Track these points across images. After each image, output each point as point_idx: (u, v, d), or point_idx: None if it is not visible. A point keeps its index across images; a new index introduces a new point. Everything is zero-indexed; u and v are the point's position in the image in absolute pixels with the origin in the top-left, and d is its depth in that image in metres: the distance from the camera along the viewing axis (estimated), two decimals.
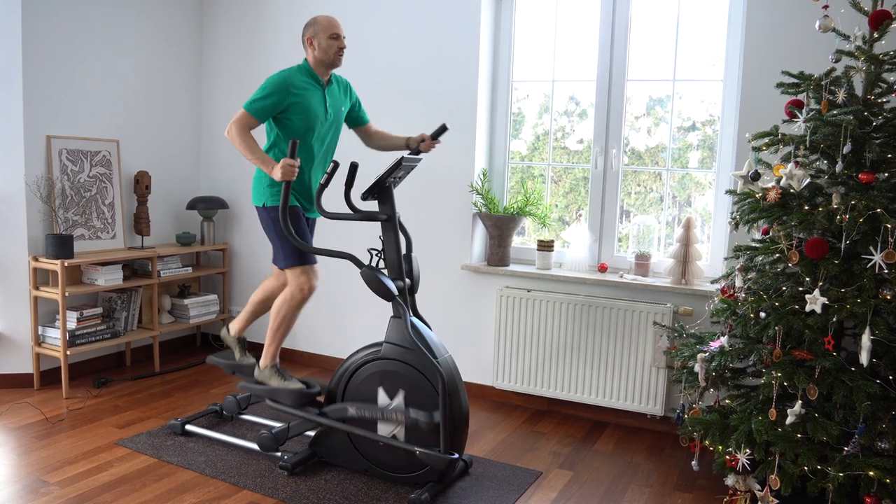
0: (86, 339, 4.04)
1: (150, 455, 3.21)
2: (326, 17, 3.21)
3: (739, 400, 2.96)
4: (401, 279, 3.05)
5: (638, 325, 3.65)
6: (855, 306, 2.45)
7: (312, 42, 3.18)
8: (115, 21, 4.37)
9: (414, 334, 2.93)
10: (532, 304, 3.89)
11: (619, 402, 3.74)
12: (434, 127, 4.01)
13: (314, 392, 3.25)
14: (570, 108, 4.14)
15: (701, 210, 3.87)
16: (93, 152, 4.28)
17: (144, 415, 3.71)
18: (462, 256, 4.17)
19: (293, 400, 3.21)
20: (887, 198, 2.51)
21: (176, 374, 4.43)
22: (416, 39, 4.19)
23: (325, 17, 3.21)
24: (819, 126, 2.68)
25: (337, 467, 3.14)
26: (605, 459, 3.38)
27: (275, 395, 3.26)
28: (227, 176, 4.92)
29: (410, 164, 3.03)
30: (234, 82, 4.84)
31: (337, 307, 4.56)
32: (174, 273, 4.53)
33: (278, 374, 3.32)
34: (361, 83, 4.32)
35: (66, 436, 3.40)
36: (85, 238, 4.21)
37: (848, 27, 2.98)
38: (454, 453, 2.83)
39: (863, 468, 2.41)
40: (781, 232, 2.66)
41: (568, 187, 4.21)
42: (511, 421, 3.85)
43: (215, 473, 3.05)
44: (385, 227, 3.06)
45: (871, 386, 2.40)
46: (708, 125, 3.80)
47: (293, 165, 2.94)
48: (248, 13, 4.74)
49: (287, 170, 2.93)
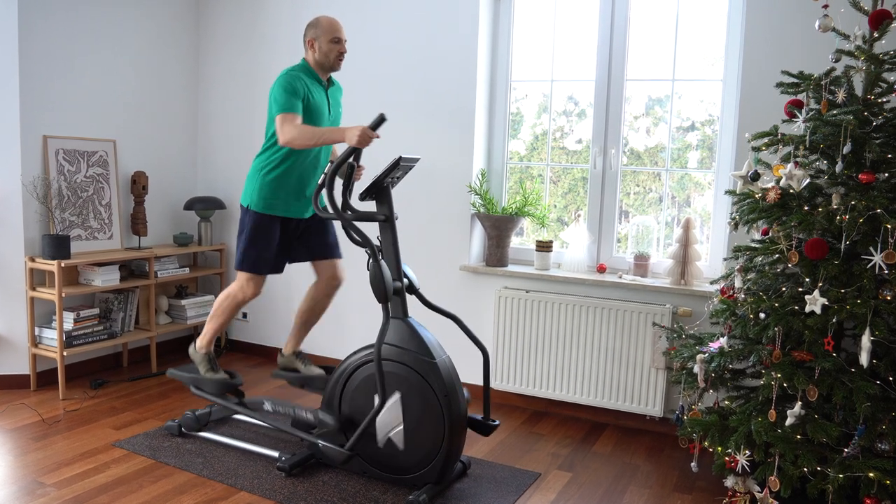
0: (82, 340, 4.03)
1: (147, 456, 3.20)
2: (329, 19, 3.17)
3: (739, 401, 2.96)
4: (398, 280, 3.04)
5: (637, 325, 3.65)
6: (855, 307, 2.44)
7: (314, 44, 3.16)
8: (112, 20, 4.36)
9: (410, 335, 2.92)
10: (531, 305, 3.88)
11: (618, 404, 3.74)
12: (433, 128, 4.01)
13: (236, 383, 3.47)
14: (569, 108, 4.14)
15: (700, 210, 3.87)
16: (90, 152, 4.27)
17: (141, 416, 3.70)
18: (460, 257, 4.16)
19: (216, 389, 3.41)
20: (887, 198, 2.50)
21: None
22: (413, 39, 4.18)
23: (327, 20, 3.16)
24: (819, 126, 2.67)
25: (334, 468, 3.13)
26: (604, 461, 3.38)
27: (199, 383, 3.45)
28: (225, 176, 4.90)
29: (408, 164, 3.02)
30: (231, 82, 4.83)
31: (334, 308, 4.39)
32: (171, 274, 4.52)
33: (209, 363, 3.47)
34: (358, 82, 4.31)
35: (63, 437, 3.39)
36: (82, 238, 4.20)
37: (848, 26, 2.97)
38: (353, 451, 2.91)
39: (863, 470, 2.40)
40: (781, 232, 2.65)
41: (567, 187, 4.21)
42: (510, 422, 3.84)
43: (212, 475, 3.04)
44: (383, 228, 3.04)
45: (871, 387, 2.40)
46: (707, 125, 3.80)
47: (372, 137, 2.88)
48: (246, 12, 4.72)
49: (365, 137, 2.86)
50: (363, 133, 2.86)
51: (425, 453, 2.90)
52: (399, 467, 2.98)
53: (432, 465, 2.89)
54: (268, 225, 3.24)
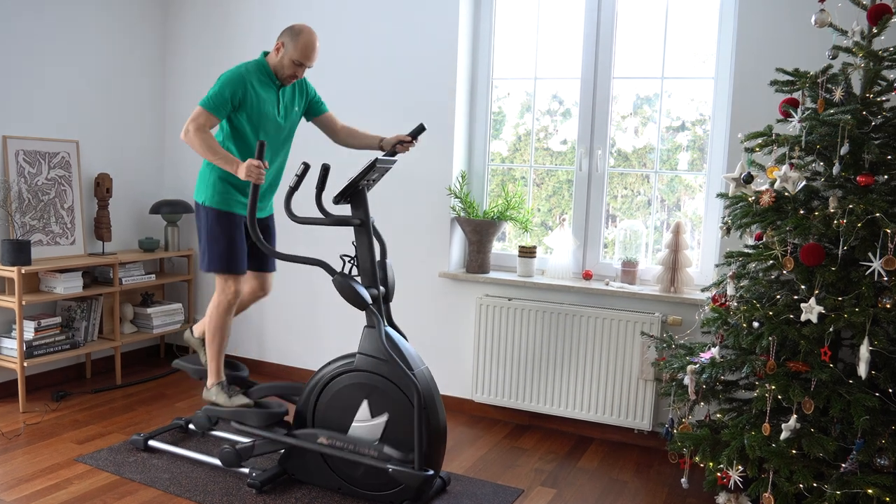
0: (44, 350, 3.99)
1: (112, 472, 3.17)
2: (308, 41, 3.11)
3: (731, 414, 2.96)
4: (375, 287, 3.05)
5: (625, 335, 3.63)
6: (853, 315, 2.42)
7: (279, 50, 3.15)
8: (75, 16, 4.32)
9: (389, 345, 2.92)
10: (513, 314, 3.86)
11: (604, 417, 3.72)
12: (411, 126, 4.00)
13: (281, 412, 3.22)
14: (554, 107, 4.13)
15: (691, 214, 3.87)
16: (51, 153, 4.24)
17: (105, 430, 3.66)
18: (439, 263, 4.13)
19: (261, 421, 3.18)
20: (887, 201, 2.49)
21: (139, 387, 4.38)
22: (391, 34, 4.17)
23: (305, 39, 3.10)
24: (815, 126, 2.66)
25: (308, 485, 3.11)
26: (589, 477, 3.36)
27: (240, 417, 3.23)
28: (193, 179, 4.85)
29: (385, 167, 3.02)
30: (200, 80, 4.80)
31: (308, 317, 4.54)
32: (137, 281, 4.49)
33: (225, 391, 3.30)
34: (333, 80, 4.30)
35: (23, 452, 3.35)
36: (43, 244, 4.16)
37: (845, 22, 2.99)
38: (429, 470, 2.81)
39: (861, 486, 2.39)
40: (775, 237, 2.65)
41: (551, 190, 4.20)
42: (491, 436, 3.82)
43: (180, 492, 3.00)
44: (358, 233, 3.05)
45: (870, 399, 2.38)
46: (698, 125, 3.80)
47: (259, 167, 2.92)
48: (215, 9, 4.70)
49: (252, 170, 2.91)
50: (249, 168, 2.90)
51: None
52: (376, 484, 2.95)
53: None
54: (228, 220, 3.21)
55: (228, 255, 3.19)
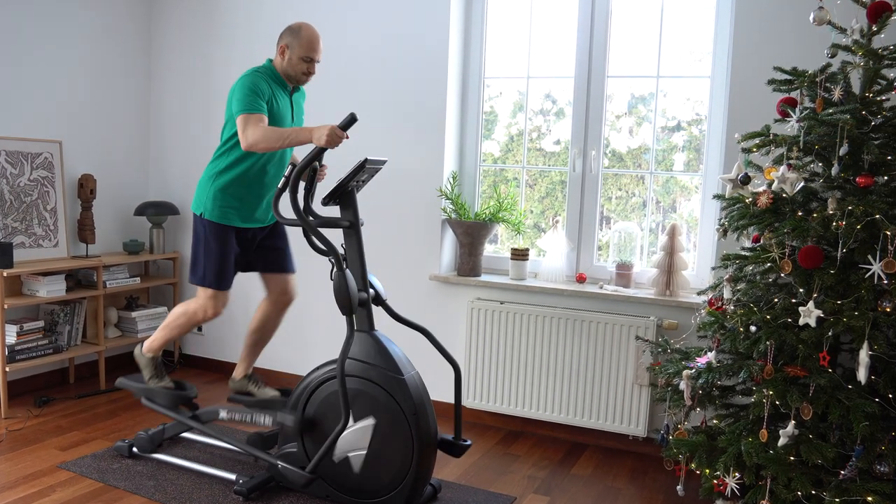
0: (26, 355, 3.99)
1: (96, 479, 3.15)
2: (309, 33, 3.08)
3: (728, 420, 2.94)
4: (364, 290, 3.03)
5: (619, 339, 3.62)
6: (852, 319, 2.41)
7: (285, 52, 3.10)
8: (57, 13, 4.30)
9: (378, 349, 2.91)
10: (505, 318, 3.84)
11: (598, 423, 3.71)
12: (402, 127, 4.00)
13: (189, 394, 3.40)
14: (547, 107, 4.13)
15: (687, 216, 3.88)
16: (34, 154, 4.21)
17: (89, 436, 3.64)
18: (430, 266, 4.12)
19: (169, 400, 3.34)
20: (886, 203, 2.46)
21: (123, 393, 4.33)
22: (381, 33, 4.15)
23: (307, 34, 3.07)
24: (814, 126, 2.64)
25: (296, 492, 3.08)
26: (583, 484, 3.34)
27: (151, 395, 3.39)
28: (179, 180, 4.86)
29: (375, 167, 2.99)
30: (185, 80, 4.78)
31: (297, 320, 4.50)
32: (121, 284, 4.47)
33: (155, 368, 3.41)
34: (322, 79, 4.27)
35: (5, 458, 3.33)
36: (25, 246, 4.14)
37: (845, 20, 2.96)
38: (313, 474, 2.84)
39: (860, 493, 2.37)
40: (773, 239, 2.63)
41: (544, 191, 4.19)
42: (483, 442, 3.81)
43: (165, 499, 2.98)
44: (347, 235, 3.03)
45: (870, 405, 2.37)
46: (694, 125, 3.80)
47: (341, 137, 2.81)
48: (201, 7, 4.68)
49: (333, 137, 2.79)
50: (332, 133, 2.79)
51: (393, 476, 2.87)
52: (364, 491, 2.94)
53: (400, 489, 2.86)
54: (225, 234, 3.18)
55: (218, 270, 3.17)
